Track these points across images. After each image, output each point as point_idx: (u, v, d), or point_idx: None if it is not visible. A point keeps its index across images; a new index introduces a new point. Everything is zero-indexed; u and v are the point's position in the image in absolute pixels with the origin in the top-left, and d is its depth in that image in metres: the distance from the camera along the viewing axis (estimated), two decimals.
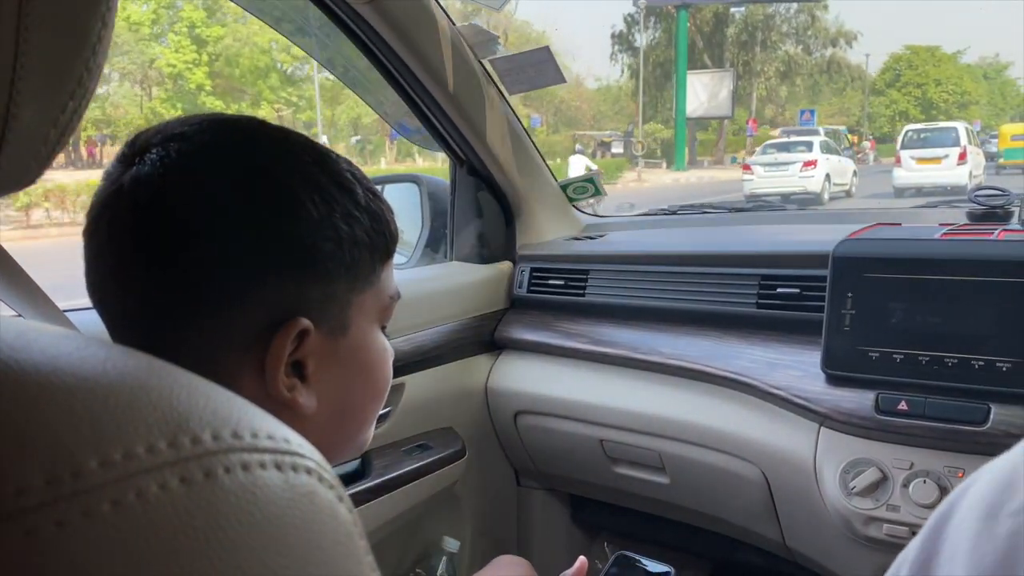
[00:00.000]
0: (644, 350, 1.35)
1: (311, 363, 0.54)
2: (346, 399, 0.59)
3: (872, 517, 1.06)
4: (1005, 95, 52.42)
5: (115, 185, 0.52)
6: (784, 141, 19.73)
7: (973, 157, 16.79)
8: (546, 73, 1.42)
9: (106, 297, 0.54)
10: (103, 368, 0.25)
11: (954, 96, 42.69)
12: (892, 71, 45.53)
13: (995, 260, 1.01)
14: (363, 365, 0.59)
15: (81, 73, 0.32)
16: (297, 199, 0.52)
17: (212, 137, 0.53)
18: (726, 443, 1.24)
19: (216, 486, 0.23)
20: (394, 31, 1.27)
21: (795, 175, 16.49)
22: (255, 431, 0.25)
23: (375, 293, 0.59)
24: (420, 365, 1.38)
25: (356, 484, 1.22)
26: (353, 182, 0.57)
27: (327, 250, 0.53)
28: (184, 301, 0.51)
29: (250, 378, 0.52)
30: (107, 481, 0.22)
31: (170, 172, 0.50)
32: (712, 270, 1.35)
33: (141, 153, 0.52)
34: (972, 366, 1.00)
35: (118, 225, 0.51)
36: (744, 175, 17.45)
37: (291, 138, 0.56)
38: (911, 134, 17.67)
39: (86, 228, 0.53)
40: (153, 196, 0.50)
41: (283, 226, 0.52)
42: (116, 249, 0.52)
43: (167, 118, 0.57)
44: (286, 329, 0.52)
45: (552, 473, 1.58)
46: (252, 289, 0.51)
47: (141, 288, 0.51)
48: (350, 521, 0.27)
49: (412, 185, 1.70)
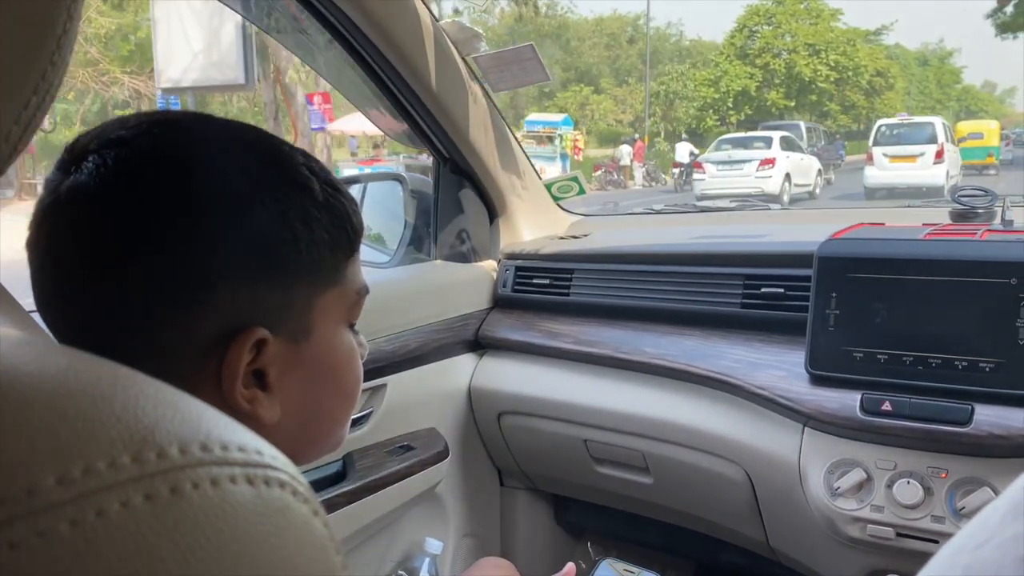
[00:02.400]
0: (628, 350, 1.34)
1: (272, 371, 0.52)
2: (313, 404, 0.56)
3: (856, 518, 1.06)
4: (943, 84, 46.49)
5: (53, 195, 0.49)
6: (741, 136, 18.47)
7: (950, 155, 15.46)
8: (531, 71, 1.41)
9: (51, 309, 0.51)
10: (63, 377, 0.24)
11: (846, 74, 32.47)
12: (745, 31, 33.23)
13: (978, 260, 1.02)
14: (329, 368, 0.57)
15: (45, 67, 0.31)
16: (247, 201, 0.50)
17: (151, 141, 0.50)
18: (710, 443, 1.24)
19: (183, 503, 0.22)
20: (375, 27, 1.26)
21: (751, 175, 15.02)
22: (225, 443, 0.24)
23: (340, 292, 0.56)
24: (403, 365, 1.37)
25: (338, 486, 1.21)
26: (309, 177, 0.54)
27: (283, 253, 0.51)
28: (130, 312, 0.48)
29: (208, 389, 0.50)
30: (65, 499, 0.20)
31: (107, 180, 0.48)
32: (697, 269, 1.35)
33: (78, 160, 0.49)
34: (956, 366, 1.01)
35: (57, 236, 0.49)
36: (695, 173, 16.31)
37: (239, 136, 0.54)
38: (884, 129, 16.34)
39: (28, 239, 0.51)
40: (90, 206, 0.48)
41: (232, 232, 0.49)
42: (57, 260, 0.50)
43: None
44: (241, 340, 0.50)
45: (536, 473, 1.57)
46: (202, 298, 0.49)
47: (85, 299, 0.49)
48: (325, 536, 0.26)
49: (395, 183, 1.68)
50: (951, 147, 15.74)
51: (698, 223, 1.75)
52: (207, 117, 0.54)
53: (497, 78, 1.42)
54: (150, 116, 0.52)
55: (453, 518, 1.52)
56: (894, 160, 15.25)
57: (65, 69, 0.33)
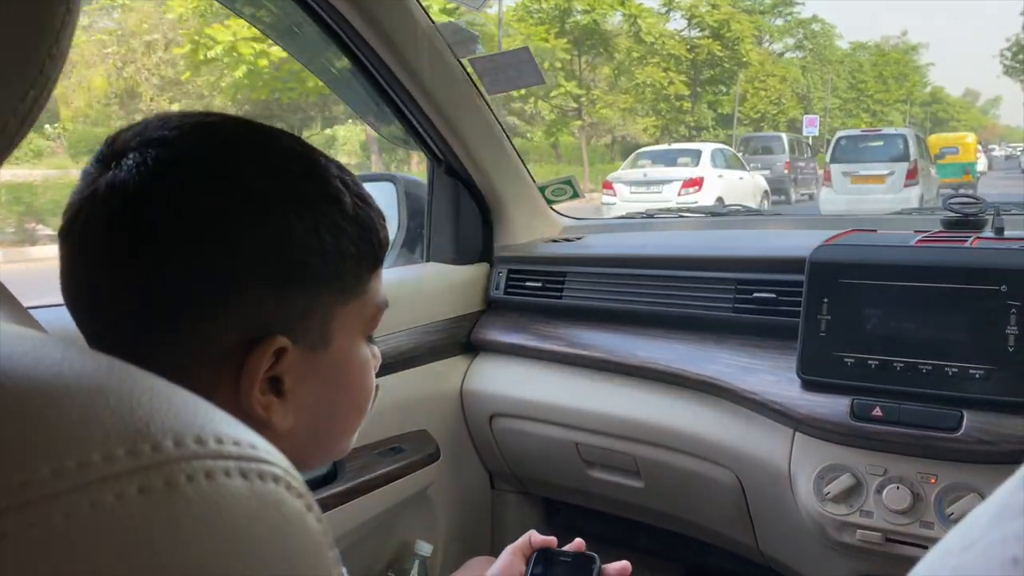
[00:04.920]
0: (621, 353, 1.34)
1: (288, 379, 0.52)
2: (325, 413, 0.57)
3: (846, 523, 1.06)
4: (884, 78, 38.73)
5: (91, 188, 0.50)
6: (663, 149, 15.38)
7: (925, 175, 12.55)
8: (526, 73, 1.41)
9: (79, 301, 0.52)
10: (59, 370, 0.24)
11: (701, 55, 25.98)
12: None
13: (969, 268, 1.02)
14: (344, 378, 0.57)
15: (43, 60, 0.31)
16: (280, 211, 0.51)
17: (192, 144, 0.51)
18: (701, 447, 1.24)
19: (177, 496, 0.22)
20: (373, 28, 1.26)
21: (672, 199, 11.49)
22: (220, 437, 0.24)
23: (361, 304, 0.57)
24: (395, 367, 1.37)
25: (328, 487, 1.20)
26: (341, 190, 0.54)
27: (310, 264, 0.52)
28: (157, 312, 0.49)
29: (225, 392, 0.50)
30: (59, 491, 0.20)
31: (147, 180, 0.49)
32: (689, 274, 1.35)
33: (118, 156, 0.50)
34: (946, 373, 1.01)
35: (92, 229, 0.50)
36: (604, 195, 12.66)
37: (278, 144, 0.54)
38: (844, 143, 13.17)
39: (61, 228, 0.51)
40: (129, 204, 0.49)
41: (264, 239, 0.50)
42: (90, 253, 0.50)
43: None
44: (263, 347, 0.50)
45: (526, 476, 1.57)
46: (229, 302, 0.49)
47: (113, 295, 0.49)
48: (319, 531, 0.26)
49: (388, 184, 1.68)
50: (926, 165, 12.97)
51: (691, 228, 1.75)
52: (249, 122, 0.55)
53: (492, 80, 1.43)
54: (192, 117, 0.53)
55: (443, 520, 1.51)
56: (857, 180, 12.32)
57: (63, 62, 0.32)
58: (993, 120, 66.74)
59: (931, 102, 47.30)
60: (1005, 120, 67.27)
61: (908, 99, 41.66)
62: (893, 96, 39.73)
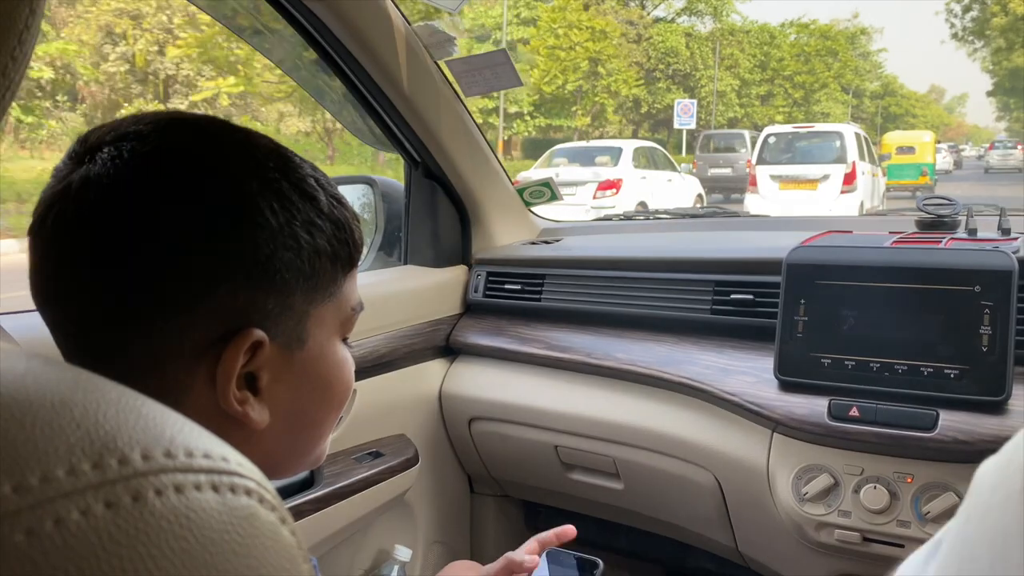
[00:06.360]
0: (599, 355, 1.34)
1: (264, 376, 0.52)
2: (301, 413, 0.57)
3: (824, 523, 1.07)
4: (810, 55, 33.84)
5: (63, 183, 0.49)
6: (582, 146, 13.79)
7: (866, 179, 11.10)
8: (503, 76, 1.41)
9: (50, 299, 0.51)
10: (21, 383, 0.23)
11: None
12: None
13: (943, 268, 1.03)
14: (320, 379, 0.57)
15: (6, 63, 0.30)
16: (255, 206, 0.50)
17: (168, 138, 0.51)
18: (680, 449, 1.24)
19: (146, 511, 0.21)
20: (347, 29, 1.25)
21: (585, 203, 10.40)
22: (190, 450, 0.24)
23: (336, 305, 0.57)
24: (373, 371, 1.36)
25: (305, 493, 1.19)
26: (316, 188, 0.55)
27: (285, 260, 0.52)
28: (131, 306, 0.49)
29: (200, 389, 0.50)
30: (21, 508, 0.20)
31: (121, 172, 0.48)
32: (667, 276, 1.35)
33: (92, 152, 0.50)
34: (921, 372, 1.02)
35: (63, 225, 0.49)
36: None
37: (253, 141, 0.54)
38: (773, 140, 11.79)
39: (31, 226, 0.51)
40: (102, 197, 0.48)
41: (239, 233, 0.50)
42: (61, 249, 0.49)
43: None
44: (238, 341, 0.50)
45: (506, 480, 1.57)
46: (203, 297, 0.49)
47: (86, 291, 0.49)
48: (293, 544, 0.26)
49: (366, 187, 1.67)
50: (868, 168, 11.45)
51: (669, 230, 1.75)
52: (223, 121, 0.55)
53: (469, 82, 1.42)
54: (167, 114, 0.53)
55: (422, 525, 1.50)
56: (786, 186, 10.88)
57: (27, 64, 0.32)
58: (959, 118, 64.94)
59: (883, 94, 42.31)
60: (972, 119, 65.88)
61: (848, 86, 36.04)
62: (818, 80, 34.40)
